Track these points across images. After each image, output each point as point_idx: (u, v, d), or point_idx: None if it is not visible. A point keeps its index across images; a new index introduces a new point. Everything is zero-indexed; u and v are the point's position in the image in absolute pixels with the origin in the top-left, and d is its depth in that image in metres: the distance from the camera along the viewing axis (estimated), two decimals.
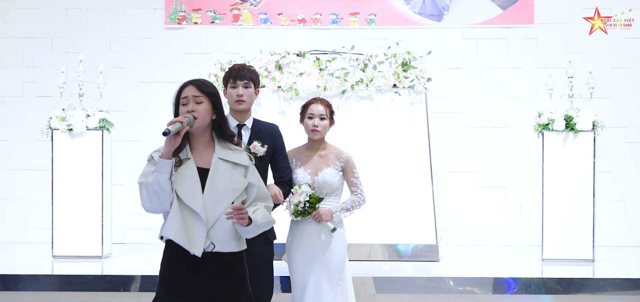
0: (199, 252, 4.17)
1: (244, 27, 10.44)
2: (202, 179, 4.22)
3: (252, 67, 5.58)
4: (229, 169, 4.25)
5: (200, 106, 4.25)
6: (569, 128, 8.48)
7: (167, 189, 4.14)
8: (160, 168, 4.14)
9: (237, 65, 5.55)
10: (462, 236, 10.11)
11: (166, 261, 4.29)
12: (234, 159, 4.27)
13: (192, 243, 4.17)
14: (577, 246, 8.45)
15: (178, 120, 4.18)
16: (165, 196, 4.15)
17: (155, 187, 4.13)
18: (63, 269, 8.11)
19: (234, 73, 5.47)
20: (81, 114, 8.74)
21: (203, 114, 4.25)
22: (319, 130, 5.65)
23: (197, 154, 4.28)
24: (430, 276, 7.77)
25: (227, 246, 4.24)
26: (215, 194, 4.21)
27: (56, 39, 10.47)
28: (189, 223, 4.17)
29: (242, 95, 5.43)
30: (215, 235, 4.21)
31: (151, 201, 4.18)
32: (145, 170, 4.27)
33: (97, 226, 8.75)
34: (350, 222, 5.86)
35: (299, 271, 5.63)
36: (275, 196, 5.44)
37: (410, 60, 8.64)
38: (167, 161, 4.14)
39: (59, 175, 8.77)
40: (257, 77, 5.52)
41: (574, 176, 8.49)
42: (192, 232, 4.17)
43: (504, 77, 10.30)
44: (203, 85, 4.30)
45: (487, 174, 10.27)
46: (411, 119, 8.61)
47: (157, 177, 4.13)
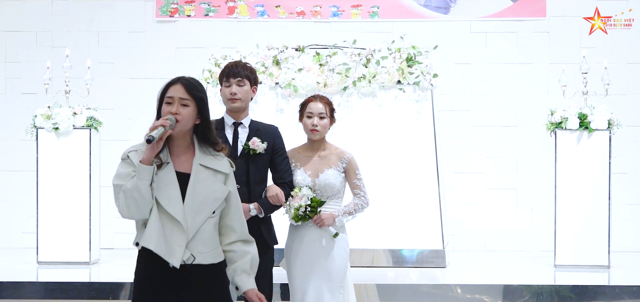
0: (177, 263, 4.13)
1: (239, 20, 10.44)
2: (181, 184, 4.18)
3: (247, 64, 5.57)
4: (209, 176, 4.20)
5: (185, 109, 4.18)
6: (583, 127, 8.48)
7: (147, 197, 4.10)
8: (140, 174, 4.08)
9: (231, 63, 5.57)
10: (470, 241, 10.10)
11: (142, 271, 4.22)
12: (215, 166, 4.23)
13: (170, 253, 4.13)
14: (591, 252, 8.45)
15: (161, 124, 4.11)
16: (145, 203, 4.11)
17: (134, 194, 4.08)
18: (48, 276, 8.10)
19: (227, 71, 5.48)
20: (68, 112, 8.73)
21: (186, 118, 4.19)
22: (319, 130, 5.64)
23: (175, 158, 4.23)
24: (436, 283, 7.76)
25: (208, 257, 4.20)
26: (196, 203, 4.17)
27: (41, 32, 10.46)
28: (167, 231, 4.14)
29: (235, 94, 5.43)
30: (195, 246, 4.17)
31: (129, 207, 4.12)
32: (120, 170, 4.18)
33: (85, 230, 8.74)
34: (351, 226, 5.85)
35: (299, 278, 5.62)
36: (276, 196, 5.42)
37: (416, 55, 8.64)
38: (148, 167, 4.08)
39: (45, 176, 8.76)
40: (253, 74, 5.51)
41: (589, 177, 8.49)
42: (171, 241, 4.14)
43: (515, 73, 10.29)
44: (192, 88, 4.21)
45: (497, 175, 10.26)
46: (416, 117, 8.61)
47: (137, 183, 4.07)
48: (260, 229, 5.43)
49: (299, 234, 5.64)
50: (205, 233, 4.20)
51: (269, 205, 5.44)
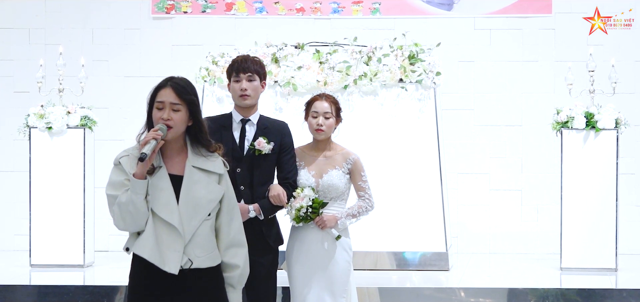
0: (175, 269, 4.12)
1: (237, 16, 10.43)
2: (175, 186, 4.17)
3: (256, 58, 5.54)
4: (203, 177, 4.19)
5: (177, 114, 4.17)
6: (590, 126, 8.48)
7: (143, 210, 4.09)
8: (135, 189, 4.07)
9: (240, 57, 5.52)
10: (474, 243, 10.11)
11: (137, 274, 4.22)
12: (208, 167, 4.22)
13: (167, 260, 4.11)
14: (598, 254, 8.45)
15: (153, 137, 4.09)
16: (141, 216, 4.10)
17: (129, 208, 4.07)
18: (42, 280, 8.09)
19: (236, 66, 5.45)
20: (61, 111, 8.73)
21: (179, 123, 4.18)
22: (324, 130, 5.63)
23: (168, 160, 4.21)
24: (439, 286, 7.76)
25: (205, 261, 4.20)
26: (191, 206, 4.16)
27: (34, 29, 10.45)
28: (163, 238, 4.12)
29: (246, 90, 5.40)
30: (192, 250, 4.16)
31: (125, 220, 4.12)
32: (113, 178, 4.17)
33: (79, 232, 8.74)
34: (353, 228, 5.85)
35: (300, 282, 5.61)
36: (277, 196, 5.41)
37: (418, 53, 8.64)
38: (142, 182, 4.07)
39: (38, 177, 8.76)
40: (262, 69, 5.49)
41: (596, 178, 8.48)
42: (167, 247, 4.12)
43: (520, 71, 10.30)
44: (183, 91, 4.19)
45: (501, 176, 10.26)
46: (419, 116, 8.60)
47: (132, 197, 4.07)
48: (261, 230, 5.42)
49: (300, 236, 5.63)
50: (202, 236, 4.19)
51: (270, 206, 5.42)
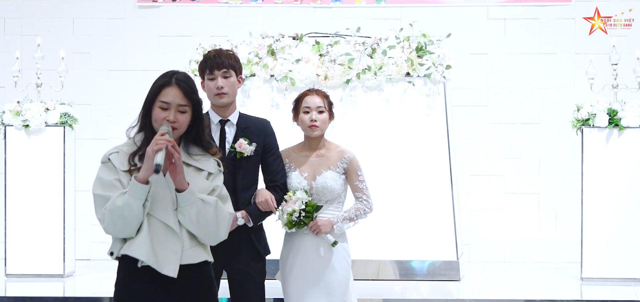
0: (174, 272, 4.17)
1: (230, 5, 10.45)
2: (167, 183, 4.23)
3: (230, 51, 5.55)
4: (191, 172, 4.25)
5: (183, 116, 4.23)
6: (613, 124, 8.49)
7: (139, 215, 4.12)
8: (134, 193, 4.09)
9: (212, 52, 5.54)
10: (487, 251, 10.12)
11: (124, 281, 4.26)
12: (199, 164, 4.27)
13: (164, 263, 4.15)
14: (622, 263, 8.46)
15: (163, 145, 4.11)
16: (135, 222, 4.13)
17: (124, 212, 4.09)
18: (18, 290, 8.11)
19: (209, 62, 5.46)
20: (39, 108, 8.75)
21: (184, 125, 4.24)
22: (318, 126, 5.66)
23: None
24: (449, 297, 7.78)
25: (194, 255, 4.24)
26: None
27: (10, 19, 10.47)
28: (160, 239, 4.17)
29: (222, 87, 5.43)
30: None
31: (115, 224, 4.13)
32: (102, 177, 4.20)
33: (58, 239, 8.76)
34: (355, 234, 5.87)
35: (295, 292, 5.63)
36: (265, 202, 5.43)
37: (426, 45, 8.66)
38: (145, 186, 4.10)
39: (14, 179, 8.78)
40: (237, 63, 5.51)
41: (619, 180, 8.50)
42: (164, 249, 4.16)
43: (537, 64, 10.31)
44: (190, 92, 4.23)
45: (517, 178, 10.28)
46: (427, 113, 8.62)
47: (130, 202, 4.09)
48: (250, 238, 5.45)
49: (294, 243, 5.65)
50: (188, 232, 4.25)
51: (258, 212, 5.45)
